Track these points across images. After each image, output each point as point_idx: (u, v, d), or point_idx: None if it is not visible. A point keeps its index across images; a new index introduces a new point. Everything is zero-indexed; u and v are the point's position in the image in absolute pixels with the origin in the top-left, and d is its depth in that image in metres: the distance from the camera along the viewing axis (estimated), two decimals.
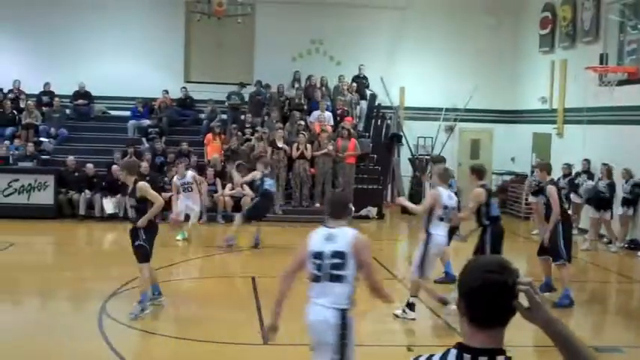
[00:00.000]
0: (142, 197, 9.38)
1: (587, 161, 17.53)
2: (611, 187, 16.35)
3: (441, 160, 12.71)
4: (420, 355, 2.69)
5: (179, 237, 15.24)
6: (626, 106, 17.00)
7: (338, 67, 23.24)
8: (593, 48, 18.33)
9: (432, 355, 2.63)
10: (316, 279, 5.57)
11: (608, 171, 16.47)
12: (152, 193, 9.47)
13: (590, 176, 17.26)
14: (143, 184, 9.45)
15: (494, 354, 2.51)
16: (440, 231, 9.82)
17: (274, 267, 13.08)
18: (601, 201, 16.30)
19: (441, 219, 9.80)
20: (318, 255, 5.53)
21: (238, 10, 21.05)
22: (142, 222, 9.35)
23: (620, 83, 16.35)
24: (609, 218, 16.39)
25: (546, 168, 11.99)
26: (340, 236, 5.57)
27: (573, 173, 17.61)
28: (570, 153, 18.70)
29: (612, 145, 17.42)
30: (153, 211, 9.41)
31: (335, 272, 5.51)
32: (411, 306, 9.89)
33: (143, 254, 9.47)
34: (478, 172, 10.24)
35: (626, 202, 16.08)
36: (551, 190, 11.07)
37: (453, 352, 2.57)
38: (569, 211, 17.03)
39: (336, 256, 5.50)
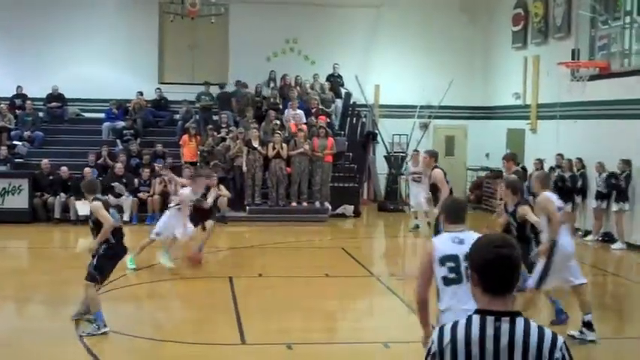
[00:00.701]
0: (98, 219, 8.82)
1: (561, 156, 17.69)
2: (574, 179, 16.61)
3: (435, 154, 12.82)
4: (445, 324, 3.04)
5: (131, 266, 12.33)
6: (598, 100, 17.19)
7: (312, 66, 23.28)
8: (565, 44, 18.49)
9: (457, 322, 2.99)
10: (454, 281, 5.30)
11: (570, 163, 16.77)
12: (102, 214, 8.78)
13: (564, 171, 17.46)
14: (95, 205, 8.88)
15: (514, 316, 2.91)
16: (565, 236, 9.03)
17: (251, 267, 13.19)
18: (561, 192, 16.57)
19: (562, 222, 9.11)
20: (452, 258, 5.33)
21: (212, 11, 20.96)
22: (90, 249, 8.84)
23: (592, 78, 16.53)
24: (570, 210, 16.62)
25: (512, 158, 11.98)
26: (471, 238, 5.27)
27: (547, 168, 17.76)
28: (544, 148, 18.88)
29: (585, 140, 17.61)
30: (101, 236, 8.76)
31: None
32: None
33: (89, 275, 8.84)
34: (513, 188, 9.61)
35: (600, 196, 16.27)
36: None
37: (476, 317, 2.95)
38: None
39: None
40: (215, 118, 21.51)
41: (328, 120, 21.42)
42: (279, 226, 18.07)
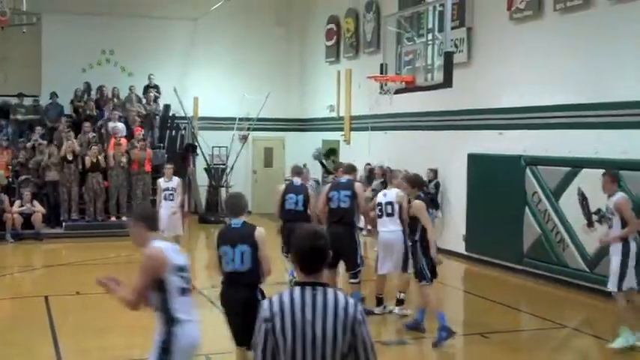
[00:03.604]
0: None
1: (369, 165, 18.50)
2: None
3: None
4: (274, 295, 3.64)
5: None
6: (405, 112, 18.19)
7: (130, 78, 23.04)
8: (375, 58, 19.30)
9: (281, 293, 3.64)
10: (188, 291, 5.32)
11: (383, 171, 17.61)
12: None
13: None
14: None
15: (325, 286, 3.64)
16: (384, 227, 10.58)
17: (68, 285, 12.90)
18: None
19: (379, 215, 10.60)
20: (183, 268, 5.27)
21: (23, 20, 20.29)
22: None
23: (398, 92, 17.40)
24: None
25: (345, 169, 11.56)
26: (175, 248, 5.45)
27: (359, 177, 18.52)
28: (358, 158, 19.60)
29: (395, 150, 18.57)
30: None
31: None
32: None
33: None
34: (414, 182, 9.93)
35: None
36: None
37: (297, 288, 3.63)
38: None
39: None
40: (29, 131, 20.80)
41: (150, 132, 21.42)
42: (98, 241, 17.76)
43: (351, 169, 11.37)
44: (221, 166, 22.83)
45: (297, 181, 12.01)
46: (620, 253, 8.96)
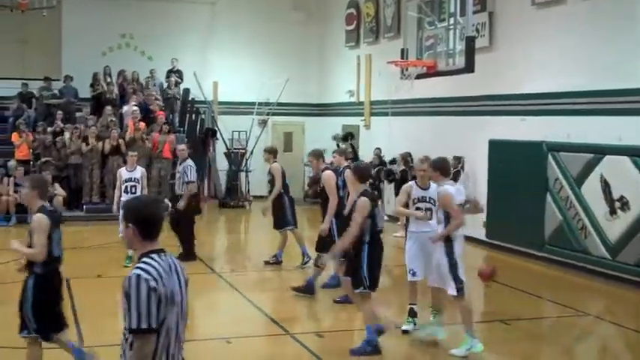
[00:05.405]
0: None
1: (379, 150, 18.64)
2: (405, 172, 17.47)
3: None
4: (144, 265, 3.88)
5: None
6: (426, 98, 18.08)
7: (150, 62, 23.09)
8: (395, 43, 19.19)
9: (148, 262, 3.90)
10: None
11: (404, 158, 17.54)
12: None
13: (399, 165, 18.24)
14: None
15: (163, 251, 4.03)
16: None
17: (90, 268, 12.96)
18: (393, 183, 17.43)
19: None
20: None
21: (43, 3, 20.34)
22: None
23: (419, 77, 17.29)
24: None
25: (343, 153, 11.50)
26: None
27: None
28: (378, 144, 19.61)
29: (414, 135, 18.47)
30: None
31: None
32: None
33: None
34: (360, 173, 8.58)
35: None
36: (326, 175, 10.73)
37: (154, 255, 3.94)
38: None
39: None
40: (55, 113, 20.88)
41: (171, 117, 21.43)
42: (118, 224, 17.79)
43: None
44: (241, 150, 22.83)
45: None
46: (445, 254, 8.12)
